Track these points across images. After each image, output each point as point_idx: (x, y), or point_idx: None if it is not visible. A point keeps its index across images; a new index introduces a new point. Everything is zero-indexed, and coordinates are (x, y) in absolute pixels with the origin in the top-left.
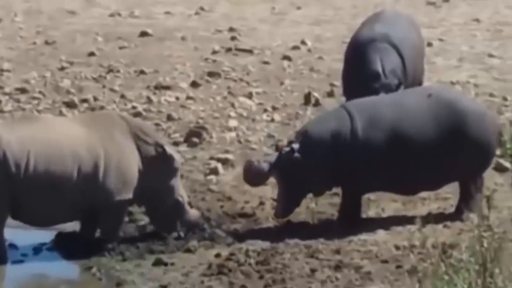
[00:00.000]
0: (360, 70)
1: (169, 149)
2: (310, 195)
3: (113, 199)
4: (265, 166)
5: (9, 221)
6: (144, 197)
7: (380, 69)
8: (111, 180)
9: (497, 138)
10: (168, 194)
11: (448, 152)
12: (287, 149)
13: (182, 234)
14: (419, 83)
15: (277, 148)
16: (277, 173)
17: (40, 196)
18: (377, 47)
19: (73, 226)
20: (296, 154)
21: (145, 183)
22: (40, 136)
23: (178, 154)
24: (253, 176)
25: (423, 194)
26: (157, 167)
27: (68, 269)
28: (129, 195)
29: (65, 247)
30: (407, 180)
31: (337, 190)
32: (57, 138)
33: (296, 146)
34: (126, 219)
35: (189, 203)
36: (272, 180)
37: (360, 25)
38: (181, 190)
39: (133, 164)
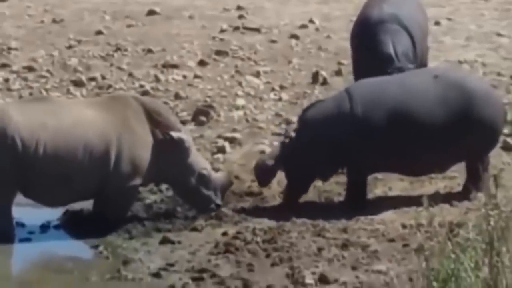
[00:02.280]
0: (372, 53)
1: (176, 133)
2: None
3: (124, 184)
4: (270, 162)
5: (17, 199)
6: (165, 179)
7: (392, 52)
8: (123, 166)
9: (504, 117)
10: (189, 172)
11: (455, 132)
12: (286, 139)
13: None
14: (424, 64)
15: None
16: (282, 165)
17: (50, 180)
18: (388, 29)
19: (80, 204)
20: (293, 140)
21: (161, 166)
22: (51, 122)
23: (187, 133)
24: (262, 174)
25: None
26: (171, 149)
27: (75, 247)
28: (140, 180)
29: (72, 225)
30: (413, 161)
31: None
32: (68, 124)
33: (292, 133)
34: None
35: (213, 168)
36: None
37: (364, 5)
38: (202, 163)
39: (146, 148)
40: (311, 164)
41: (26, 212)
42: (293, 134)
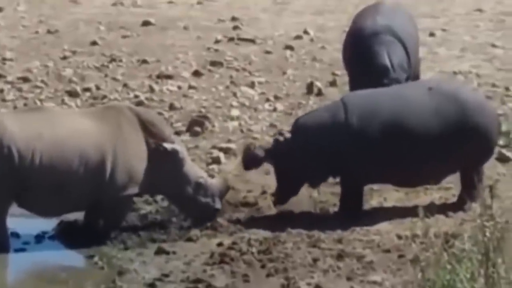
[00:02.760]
0: (367, 64)
1: (170, 145)
2: None
3: (119, 194)
4: (260, 152)
5: (11, 209)
6: (160, 190)
7: (388, 63)
8: (118, 176)
9: (498, 128)
10: (185, 183)
11: (450, 143)
12: (281, 137)
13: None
14: (417, 76)
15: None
16: (272, 161)
17: (45, 190)
18: (383, 40)
19: (75, 215)
20: (287, 142)
21: (156, 176)
22: (47, 132)
23: (180, 144)
24: (248, 160)
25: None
26: (165, 160)
27: (70, 257)
28: (135, 190)
29: (67, 235)
30: (407, 173)
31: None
32: (64, 134)
33: (287, 134)
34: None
35: (209, 175)
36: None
37: (355, 16)
38: (198, 172)
39: (140, 158)
40: (302, 170)
41: (20, 222)
42: (288, 135)
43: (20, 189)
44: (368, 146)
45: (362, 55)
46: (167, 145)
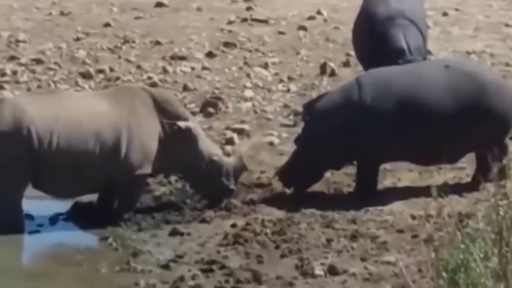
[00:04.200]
0: (384, 48)
1: (183, 123)
2: None
3: (134, 173)
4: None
5: (26, 191)
6: (176, 169)
7: (405, 46)
8: (133, 156)
9: None
10: (199, 160)
11: (466, 122)
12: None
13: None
14: (424, 58)
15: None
16: (298, 147)
17: (61, 172)
18: (399, 24)
19: (89, 196)
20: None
21: (171, 155)
22: (63, 113)
23: (194, 122)
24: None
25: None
26: (179, 138)
27: (84, 239)
28: (149, 170)
29: (82, 217)
30: (424, 151)
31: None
32: (80, 116)
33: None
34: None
35: (225, 153)
36: (289, 150)
37: (365, 1)
38: (212, 149)
39: (155, 138)
40: (324, 154)
41: (35, 204)
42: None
43: (37, 171)
44: (384, 123)
45: (379, 38)
46: (181, 123)
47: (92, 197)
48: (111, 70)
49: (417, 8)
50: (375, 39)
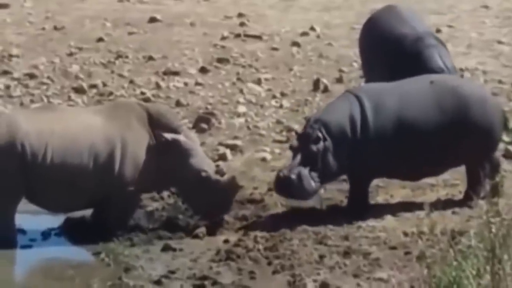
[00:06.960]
0: (421, 68)
1: (169, 135)
2: None
3: (128, 188)
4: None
5: (18, 206)
6: (168, 183)
7: (443, 66)
8: (127, 171)
9: (501, 123)
10: (190, 175)
11: (450, 136)
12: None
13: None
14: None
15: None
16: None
17: (55, 186)
18: (430, 44)
19: (81, 212)
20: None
21: (162, 169)
22: (58, 128)
23: (190, 136)
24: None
25: (432, 180)
26: (168, 151)
27: (76, 254)
28: (143, 185)
29: (74, 232)
30: (412, 166)
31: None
32: (74, 131)
33: (319, 134)
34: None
35: (219, 173)
36: (281, 166)
37: (370, 23)
38: (204, 165)
39: (149, 154)
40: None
41: (27, 219)
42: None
43: (33, 185)
44: (380, 139)
45: (412, 59)
46: (167, 135)
47: (84, 212)
48: (104, 85)
49: (428, 27)
50: (406, 59)
